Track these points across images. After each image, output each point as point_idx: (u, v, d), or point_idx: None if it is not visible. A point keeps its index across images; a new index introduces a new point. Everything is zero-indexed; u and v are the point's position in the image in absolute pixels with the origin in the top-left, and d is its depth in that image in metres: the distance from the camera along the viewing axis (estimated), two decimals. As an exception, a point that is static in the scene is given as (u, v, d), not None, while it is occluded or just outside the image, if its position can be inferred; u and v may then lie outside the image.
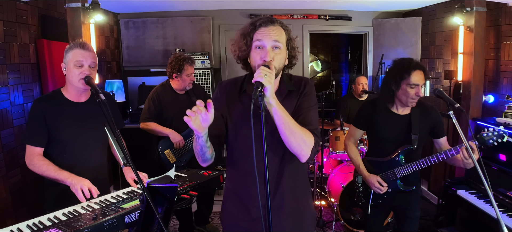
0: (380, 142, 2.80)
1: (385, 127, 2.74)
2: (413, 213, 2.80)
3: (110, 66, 5.57)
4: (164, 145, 3.69)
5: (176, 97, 3.75)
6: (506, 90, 3.85)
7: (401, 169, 2.68)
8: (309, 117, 1.78)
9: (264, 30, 1.70)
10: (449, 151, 2.47)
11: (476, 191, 3.31)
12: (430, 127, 2.74)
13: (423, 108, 2.73)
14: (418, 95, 2.57)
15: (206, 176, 2.72)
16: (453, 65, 4.71)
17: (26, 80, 3.68)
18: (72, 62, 2.30)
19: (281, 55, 1.73)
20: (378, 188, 2.70)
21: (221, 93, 1.91)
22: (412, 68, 2.54)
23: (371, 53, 6.06)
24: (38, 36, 3.84)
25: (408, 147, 2.67)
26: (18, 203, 3.53)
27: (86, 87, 2.36)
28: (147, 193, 1.73)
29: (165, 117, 3.70)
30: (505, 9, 3.80)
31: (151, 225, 1.88)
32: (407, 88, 2.57)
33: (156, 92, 3.74)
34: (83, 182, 2.21)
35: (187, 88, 3.75)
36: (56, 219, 2.03)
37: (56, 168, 2.29)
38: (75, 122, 2.41)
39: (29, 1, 3.64)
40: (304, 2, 5.46)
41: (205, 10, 5.81)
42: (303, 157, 1.69)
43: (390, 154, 2.74)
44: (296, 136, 1.63)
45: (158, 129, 3.65)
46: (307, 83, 1.88)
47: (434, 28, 5.21)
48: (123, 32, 5.80)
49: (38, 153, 2.35)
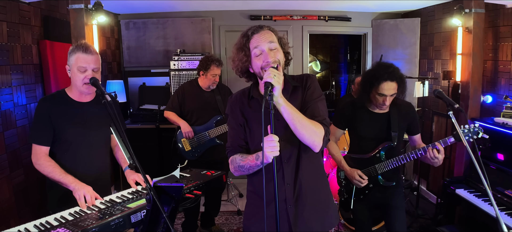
0: (361, 140, 2.90)
1: (365, 125, 2.85)
2: (397, 202, 2.88)
3: (111, 67, 5.60)
4: (181, 134, 3.96)
5: (200, 92, 4.01)
6: (504, 91, 3.90)
7: (382, 165, 2.80)
8: (316, 109, 1.88)
9: (257, 36, 1.84)
10: (418, 150, 2.62)
11: (474, 190, 3.36)
12: (407, 125, 2.86)
13: (400, 106, 2.83)
14: (384, 104, 2.68)
15: (209, 176, 2.76)
16: (451, 66, 4.75)
17: (29, 81, 3.70)
18: (76, 67, 2.33)
19: (279, 53, 1.87)
20: (358, 181, 2.78)
21: (233, 106, 2.03)
22: (383, 78, 2.61)
23: (370, 53, 6.10)
24: (40, 37, 3.86)
25: (388, 144, 2.78)
26: (22, 203, 3.55)
27: (89, 91, 2.41)
28: (154, 193, 1.76)
29: (186, 109, 3.97)
30: (503, 10, 3.85)
31: (157, 224, 1.91)
32: (375, 94, 2.68)
33: (183, 86, 4.08)
34: (86, 189, 2.23)
35: (211, 87, 3.98)
36: (63, 219, 2.06)
37: (61, 171, 2.31)
38: (79, 122, 2.44)
39: (32, 2, 3.67)
40: (304, 3, 5.50)
41: (206, 11, 5.83)
42: (316, 147, 1.81)
43: (371, 151, 2.84)
44: (306, 128, 1.74)
45: (174, 119, 3.97)
46: (308, 77, 1.99)
47: (433, 29, 5.25)
48: (123, 32, 5.82)
49: (44, 152, 2.37)
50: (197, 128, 3.93)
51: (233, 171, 1.99)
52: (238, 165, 1.93)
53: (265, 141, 1.64)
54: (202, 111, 3.95)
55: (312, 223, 1.97)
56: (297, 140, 1.81)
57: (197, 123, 3.95)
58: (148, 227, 1.88)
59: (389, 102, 2.69)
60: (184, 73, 5.18)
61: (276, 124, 1.83)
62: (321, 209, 2.03)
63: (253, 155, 1.87)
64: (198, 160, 3.98)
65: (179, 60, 5.19)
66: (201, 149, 3.97)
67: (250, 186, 2.10)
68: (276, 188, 1.70)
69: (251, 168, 1.88)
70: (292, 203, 1.94)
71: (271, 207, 1.86)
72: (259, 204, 2.00)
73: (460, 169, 3.95)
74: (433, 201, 5.04)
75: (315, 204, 1.98)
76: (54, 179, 2.30)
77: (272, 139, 1.65)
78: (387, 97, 2.64)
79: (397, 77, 2.64)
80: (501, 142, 3.36)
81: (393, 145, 2.78)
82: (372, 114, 2.85)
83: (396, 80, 2.63)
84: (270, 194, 1.82)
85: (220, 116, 3.96)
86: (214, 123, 3.93)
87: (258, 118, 1.88)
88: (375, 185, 2.88)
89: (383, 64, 2.76)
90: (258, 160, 1.82)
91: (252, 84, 2.03)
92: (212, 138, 3.93)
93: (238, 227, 4.43)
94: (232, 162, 1.98)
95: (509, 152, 3.34)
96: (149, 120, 5.18)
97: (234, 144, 2.01)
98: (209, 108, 3.97)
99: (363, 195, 2.93)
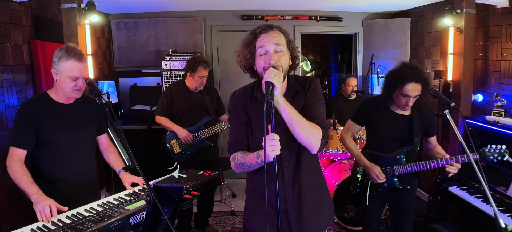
0: (379, 138, 2.89)
1: (385, 125, 2.84)
2: (409, 204, 2.91)
3: (102, 67, 5.53)
4: (171, 135, 3.92)
5: (188, 94, 3.92)
6: (494, 89, 3.97)
7: (400, 168, 2.79)
8: (315, 112, 1.91)
9: (264, 36, 1.84)
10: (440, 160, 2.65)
11: (467, 187, 3.41)
12: (426, 127, 2.86)
13: (421, 109, 2.82)
14: (407, 104, 2.68)
15: (207, 176, 2.76)
16: (442, 65, 4.82)
17: (20, 82, 3.64)
18: (67, 74, 2.27)
19: (284, 57, 1.86)
20: (376, 176, 2.79)
21: (237, 104, 2.03)
22: (408, 80, 2.61)
23: (361, 53, 6.15)
24: (31, 37, 3.80)
25: (410, 148, 2.77)
26: (14, 207, 3.48)
27: (79, 94, 2.39)
28: (154, 194, 1.75)
29: (176, 111, 3.89)
30: (493, 10, 3.92)
31: (157, 226, 1.90)
32: (399, 95, 2.68)
33: (170, 87, 3.97)
34: (47, 202, 2.08)
35: (199, 88, 3.91)
36: (60, 222, 2.04)
37: (28, 180, 2.21)
38: (64, 123, 2.39)
39: (22, 2, 3.61)
40: (296, 3, 5.51)
41: (197, 11, 5.80)
42: (313, 149, 1.83)
43: (391, 152, 2.83)
44: (304, 130, 1.76)
45: (168, 124, 3.88)
46: (312, 81, 2.00)
47: (423, 29, 5.32)
48: (114, 32, 5.76)
49: (19, 156, 2.29)
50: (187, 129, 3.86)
51: (234, 167, 2.00)
52: (239, 162, 1.94)
53: (266, 140, 1.65)
54: (191, 113, 3.89)
55: (312, 223, 2.02)
56: (297, 142, 1.84)
57: (186, 125, 3.88)
58: (148, 229, 1.87)
59: (412, 104, 2.69)
60: (176, 73, 5.14)
61: (277, 127, 1.84)
62: (319, 209, 2.07)
63: (253, 153, 1.88)
64: (187, 162, 3.91)
65: (171, 60, 5.15)
66: (191, 151, 3.91)
67: (250, 182, 2.12)
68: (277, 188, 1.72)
69: (252, 166, 1.89)
70: (292, 204, 1.97)
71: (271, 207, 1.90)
72: (258, 202, 2.03)
73: (452, 167, 4.00)
74: (424, 199, 5.10)
75: (313, 204, 2.02)
76: (20, 186, 2.20)
77: (273, 138, 1.66)
78: (410, 98, 2.64)
79: (422, 79, 2.63)
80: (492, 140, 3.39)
81: (415, 149, 2.78)
82: (394, 114, 2.84)
83: (421, 81, 2.62)
84: (271, 194, 1.83)
85: (209, 117, 3.92)
86: (204, 124, 3.88)
87: (259, 119, 1.90)
88: (390, 185, 2.87)
89: (409, 65, 2.75)
90: (259, 158, 1.83)
91: (255, 83, 2.03)
92: (202, 139, 3.88)
93: (232, 228, 4.42)
94: (234, 159, 1.99)
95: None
96: (141, 120, 5.14)
97: (237, 141, 2.01)
98: (199, 109, 3.92)
99: (375, 192, 2.92)
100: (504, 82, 3.85)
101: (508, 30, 3.75)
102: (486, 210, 3.00)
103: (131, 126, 5.10)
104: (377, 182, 2.82)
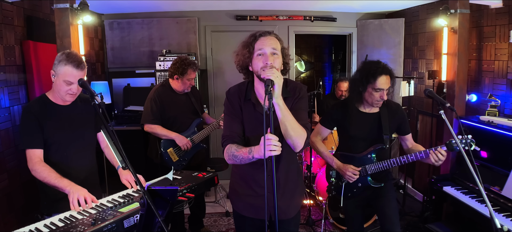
0: (351, 140, 2.95)
1: (355, 125, 2.89)
2: (387, 192, 2.93)
3: (95, 68, 5.48)
4: (166, 143, 3.74)
5: (176, 97, 3.79)
6: (488, 89, 3.98)
7: (372, 166, 2.84)
8: (301, 115, 2.10)
9: (263, 39, 2.05)
10: (419, 153, 2.64)
11: (461, 187, 3.42)
12: (397, 125, 2.92)
13: (389, 107, 2.89)
14: (382, 98, 2.74)
15: (201, 178, 2.74)
16: (436, 65, 4.83)
17: (12, 83, 3.59)
18: (63, 78, 2.35)
19: (279, 60, 2.07)
20: (350, 175, 2.84)
21: (233, 101, 2.21)
22: (378, 73, 2.70)
23: (355, 53, 6.16)
24: (23, 37, 3.74)
25: (380, 146, 2.84)
26: (6, 209, 3.43)
27: (73, 98, 2.47)
28: (148, 196, 1.73)
29: (167, 117, 3.72)
30: (487, 11, 3.93)
31: (151, 229, 1.88)
32: (372, 91, 2.73)
33: (157, 92, 3.72)
34: (80, 191, 2.22)
35: (186, 91, 3.79)
36: (53, 225, 2.01)
37: (57, 175, 2.29)
38: (63, 124, 2.47)
39: (14, 2, 3.56)
40: (290, 3, 5.50)
41: (191, 11, 5.77)
42: (298, 147, 2.04)
43: (362, 151, 2.89)
44: (295, 130, 1.96)
45: (163, 132, 3.67)
46: (301, 89, 2.22)
47: (417, 29, 5.33)
48: (107, 33, 5.71)
49: (39, 157, 2.36)
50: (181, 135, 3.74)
51: (227, 159, 2.15)
52: (233, 154, 2.09)
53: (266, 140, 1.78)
54: (182, 117, 3.78)
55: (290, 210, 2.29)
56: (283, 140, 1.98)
57: (179, 130, 3.73)
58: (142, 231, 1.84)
59: (386, 97, 2.75)
60: (170, 74, 5.10)
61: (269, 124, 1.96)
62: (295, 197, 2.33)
63: (246, 148, 2.03)
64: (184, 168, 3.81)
65: (165, 60, 5.12)
66: (188, 156, 3.82)
67: (235, 168, 2.33)
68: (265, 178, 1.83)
69: (243, 160, 2.05)
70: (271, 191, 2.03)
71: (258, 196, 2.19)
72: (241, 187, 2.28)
73: (447, 167, 4.01)
74: (419, 199, 5.11)
75: (291, 193, 2.28)
76: (50, 183, 2.28)
77: (269, 138, 1.80)
78: (383, 91, 2.71)
79: (389, 70, 2.75)
80: (486, 140, 3.42)
81: (385, 147, 2.84)
82: (363, 114, 2.89)
83: (389, 73, 2.74)
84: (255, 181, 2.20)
85: (199, 119, 3.87)
86: (196, 127, 3.81)
87: (250, 120, 2.15)
88: (364, 184, 2.92)
89: (372, 61, 2.84)
90: (250, 154, 1.98)
91: (248, 84, 2.21)
92: (198, 143, 3.82)
93: (227, 229, 4.40)
94: (227, 150, 2.13)
95: (493, 149, 3.41)
96: (134, 121, 5.09)
97: (232, 133, 2.17)
98: (188, 112, 3.83)
99: (351, 193, 2.97)
100: (498, 82, 3.87)
101: (502, 30, 3.77)
102: (480, 210, 3.00)
103: (125, 127, 5.06)
104: (352, 181, 2.86)
